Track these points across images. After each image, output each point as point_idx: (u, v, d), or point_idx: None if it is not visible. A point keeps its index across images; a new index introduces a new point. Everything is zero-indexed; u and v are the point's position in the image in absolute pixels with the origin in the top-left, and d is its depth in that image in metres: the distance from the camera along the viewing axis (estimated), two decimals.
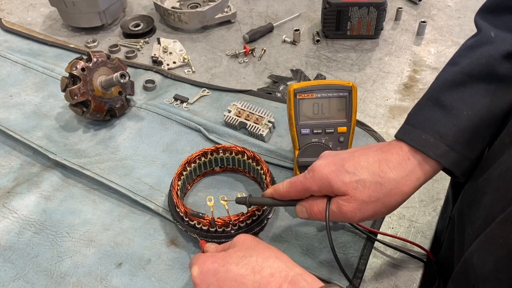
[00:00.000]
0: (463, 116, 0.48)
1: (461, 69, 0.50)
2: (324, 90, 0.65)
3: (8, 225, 0.66)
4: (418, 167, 0.49)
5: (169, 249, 0.63)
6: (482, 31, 0.52)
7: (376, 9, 0.93)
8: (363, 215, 0.49)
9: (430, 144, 0.48)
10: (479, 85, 0.49)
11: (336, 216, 0.51)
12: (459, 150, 0.48)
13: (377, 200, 0.49)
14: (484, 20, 0.53)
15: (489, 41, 0.50)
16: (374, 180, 0.49)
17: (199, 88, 0.88)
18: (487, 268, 0.41)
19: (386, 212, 0.50)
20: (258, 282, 0.45)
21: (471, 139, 0.48)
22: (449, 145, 0.48)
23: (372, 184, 0.49)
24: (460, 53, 0.53)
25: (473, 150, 0.49)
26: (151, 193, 0.69)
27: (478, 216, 0.46)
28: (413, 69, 0.92)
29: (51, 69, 0.93)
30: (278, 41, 1.01)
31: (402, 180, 0.49)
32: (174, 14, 1.01)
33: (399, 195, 0.49)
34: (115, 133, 0.80)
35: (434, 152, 0.48)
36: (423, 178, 0.49)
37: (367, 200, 0.49)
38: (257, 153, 0.68)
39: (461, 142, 0.48)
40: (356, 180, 0.49)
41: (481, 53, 0.49)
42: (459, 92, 0.49)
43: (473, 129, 0.48)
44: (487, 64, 0.48)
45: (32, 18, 1.11)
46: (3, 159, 0.77)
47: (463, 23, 1.03)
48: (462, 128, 0.48)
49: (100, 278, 0.60)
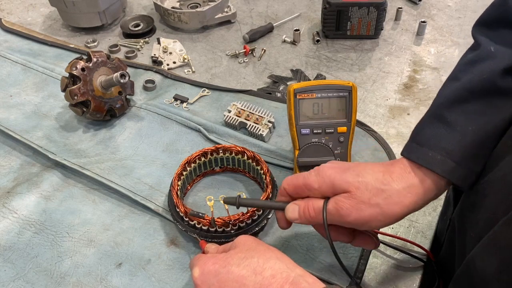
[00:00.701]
0: (468, 132, 0.48)
1: (463, 85, 0.50)
2: (324, 90, 0.65)
3: (8, 225, 0.66)
4: (419, 181, 0.49)
5: (169, 249, 0.63)
6: (481, 46, 0.52)
7: (376, 9, 0.93)
8: (358, 216, 0.49)
9: (438, 161, 0.48)
10: (482, 100, 0.49)
11: (331, 215, 0.50)
12: (466, 165, 0.48)
13: (377, 205, 0.48)
14: (482, 34, 0.53)
15: (489, 56, 0.50)
16: (377, 185, 0.49)
17: (199, 88, 0.88)
18: (490, 270, 0.41)
19: (382, 222, 0.50)
20: (259, 283, 0.45)
21: (477, 154, 0.48)
22: (456, 161, 0.48)
23: (374, 188, 0.49)
24: (461, 68, 0.53)
25: (479, 164, 0.49)
26: (151, 193, 0.69)
27: (480, 218, 0.46)
28: (413, 69, 0.92)
29: (51, 69, 0.93)
30: (278, 41, 1.01)
31: (404, 191, 0.49)
32: (174, 14, 1.01)
33: (399, 205, 0.49)
34: (115, 133, 0.80)
35: (441, 169, 0.48)
36: (423, 194, 0.49)
37: (366, 201, 0.48)
38: (257, 153, 0.68)
39: (467, 157, 0.48)
40: (359, 180, 0.49)
41: (482, 68, 0.50)
42: (463, 108, 0.49)
43: (478, 143, 0.48)
44: (488, 80, 0.49)
45: (32, 18, 1.11)
46: (3, 159, 0.77)
47: (463, 23, 1.03)
48: (467, 144, 0.48)
49: (100, 278, 0.60)
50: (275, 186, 0.66)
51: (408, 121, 0.81)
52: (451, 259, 0.55)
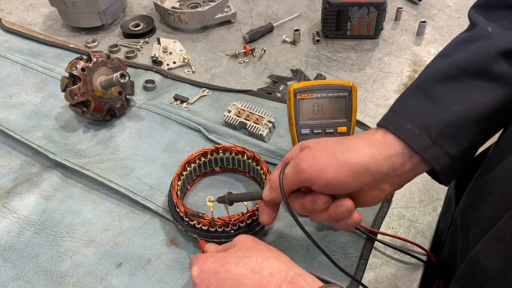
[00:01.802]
0: (452, 111, 0.47)
1: (454, 62, 0.49)
2: (324, 90, 0.65)
3: (8, 225, 0.66)
4: (381, 138, 0.49)
5: (169, 249, 0.63)
6: (478, 26, 0.50)
7: (376, 9, 0.93)
8: (313, 162, 0.47)
9: (415, 135, 0.47)
10: (471, 81, 0.47)
11: (290, 174, 0.49)
12: (441, 144, 0.47)
13: (332, 152, 0.48)
14: (480, 14, 0.51)
15: (485, 36, 0.48)
16: (337, 140, 0.50)
17: (199, 88, 0.88)
18: (494, 266, 0.40)
19: (337, 170, 0.47)
20: (258, 282, 0.45)
21: (454, 135, 0.47)
22: (432, 138, 0.47)
23: (333, 141, 0.50)
24: (454, 46, 0.51)
25: (454, 147, 0.47)
26: (151, 193, 0.69)
27: (484, 214, 0.45)
28: (413, 69, 0.92)
29: (51, 69, 0.93)
30: (278, 41, 1.01)
31: (362, 143, 0.49)
32: (174, 14, 1.01)
33: (354, 153, 0.47)
34: (115, 133, 0.80)
35: (417, 144, 0.47)
36: (385, 150, 0.48)
37: (322, 150, 0.48)
38: (257, 153, 0.68)
39: (444, 137, 0.47)
40: (320, 139, 0.50)
41: (477, 48, 0.48)
42: (450, 86, 0.48)
43: (459, 125, 0.47)
44: (483, 61, 0.47)
45: (32, 18, 1.11)
46: (3, 159, 0.77)
47: (463, 23, 1.03)
48: (448, 123, 0.47)
49: (100, 278, 0.60)
50: None
51: None
52: (453, 258, 0.54)
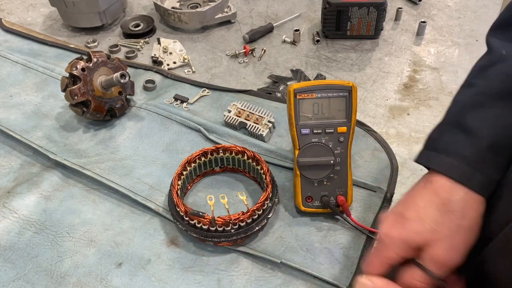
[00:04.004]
0: (485, 136, 0.47)
1: (478, 91, 0.50)
2: (324, 90, 0.65)
3: (8, 225, 0.66)
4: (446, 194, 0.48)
5: (169, 249, 0.63)
6: (493, 50, 0.51)
7: (376, 9, 0.93)
8: (459, 251, 0.45)
9: (454, 166, 0.47)
10: (498, 103, 0.48)
11: (439, 270, 0.46)
12: (484, 171, 0.47)
13: (458, 227, 0.45)
14: (494, 37, 0.52)
15: (501, 59, 0.50)
16: (441, 210, 0.47)
17: (199, 88, 0.88)
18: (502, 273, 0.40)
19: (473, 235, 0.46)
20: None
21: (495, 160, 0.47)
22: (472, 166, 0.47)
23: (441, 216, 0.46)
24: (474, 75, 0.52)
25: (498, 171, 0.47)
26: (151, 193, 0.69)
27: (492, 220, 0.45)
28: (413, 69, 0.92)
29: (51, 69, 0.93)
30: (278, 41, 1.01)
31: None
32: (174, 14, 1.01)
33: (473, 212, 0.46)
34: (115, 133, 0.80)
35: (458, 174, 0.47)
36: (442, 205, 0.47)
37: (448, 234, 0.45)
38: (257, 153, 0.68)
39: (485, 163, 0.47)
40: (424, 223, 0.47)
41: (495, 71, 0.49)
42: (479, 113, 0.49)
43: (497, 148, 0.47)
44: (502, 82, 0.48)
45: (32, 18, 1.11)
46: (3, 159, 0.77)
47: (463, 23, 1.03)
48: (484, 149, 0.47)
49: (100, 278, 0.60)
50: (275, 186, 0.66)
51: (408, 121, 0.81)
52: None
